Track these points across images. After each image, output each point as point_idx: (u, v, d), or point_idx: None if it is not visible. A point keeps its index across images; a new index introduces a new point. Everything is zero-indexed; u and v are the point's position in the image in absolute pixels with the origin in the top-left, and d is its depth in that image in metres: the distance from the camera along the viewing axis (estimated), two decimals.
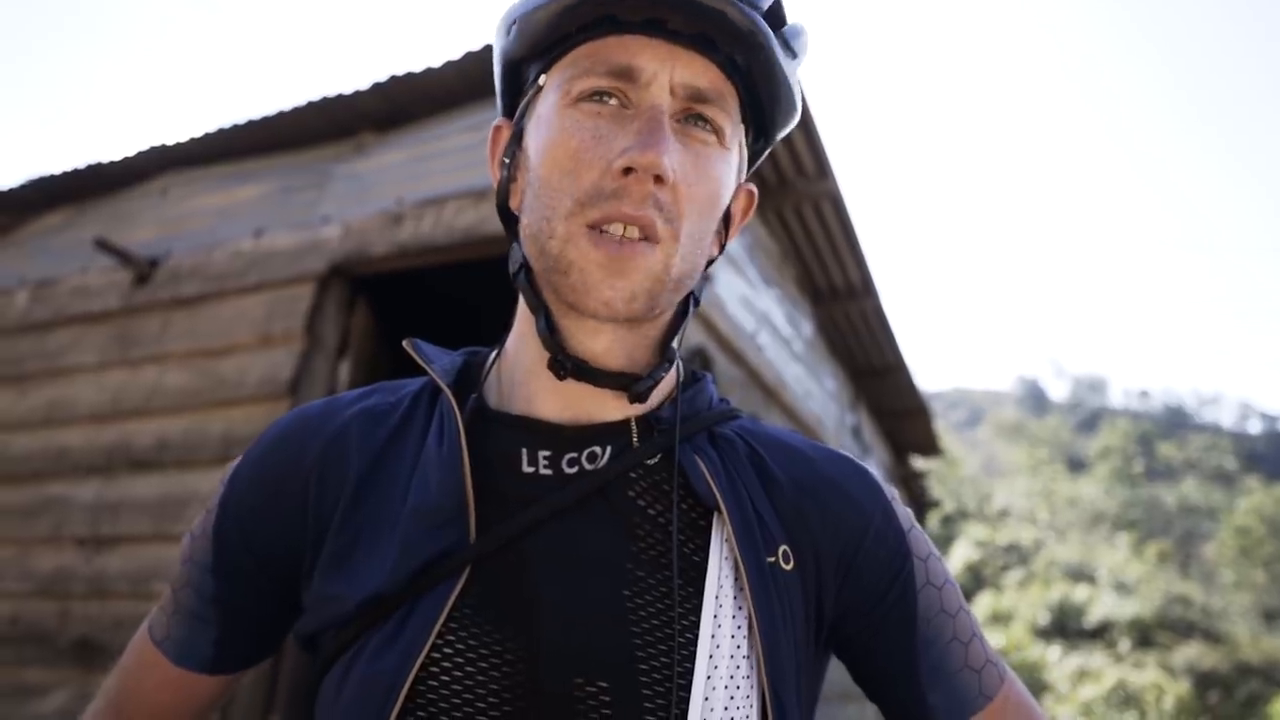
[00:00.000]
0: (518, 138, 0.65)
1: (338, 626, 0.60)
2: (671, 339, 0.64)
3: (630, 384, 0.62)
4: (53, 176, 4.09)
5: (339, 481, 0.64)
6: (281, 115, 3.55)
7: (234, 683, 0.71)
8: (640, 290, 0.58)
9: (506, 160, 0.65)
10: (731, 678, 0.57)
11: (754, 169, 0.71)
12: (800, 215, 4.21)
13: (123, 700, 0.70)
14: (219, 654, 0.67)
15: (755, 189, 0.72)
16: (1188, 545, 32.90)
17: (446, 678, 0.55)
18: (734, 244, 3.77)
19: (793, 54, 0.63)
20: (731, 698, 0.56)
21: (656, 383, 0.63)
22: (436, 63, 3.19)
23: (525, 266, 0.63)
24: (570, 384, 0.63)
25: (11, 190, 4.18)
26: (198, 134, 3.75)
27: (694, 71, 0.59)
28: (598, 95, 0.59)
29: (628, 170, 0.56)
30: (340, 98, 3.41)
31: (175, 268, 3.75)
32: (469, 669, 0.56)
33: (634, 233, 0.57)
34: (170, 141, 3.82)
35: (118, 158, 3.96)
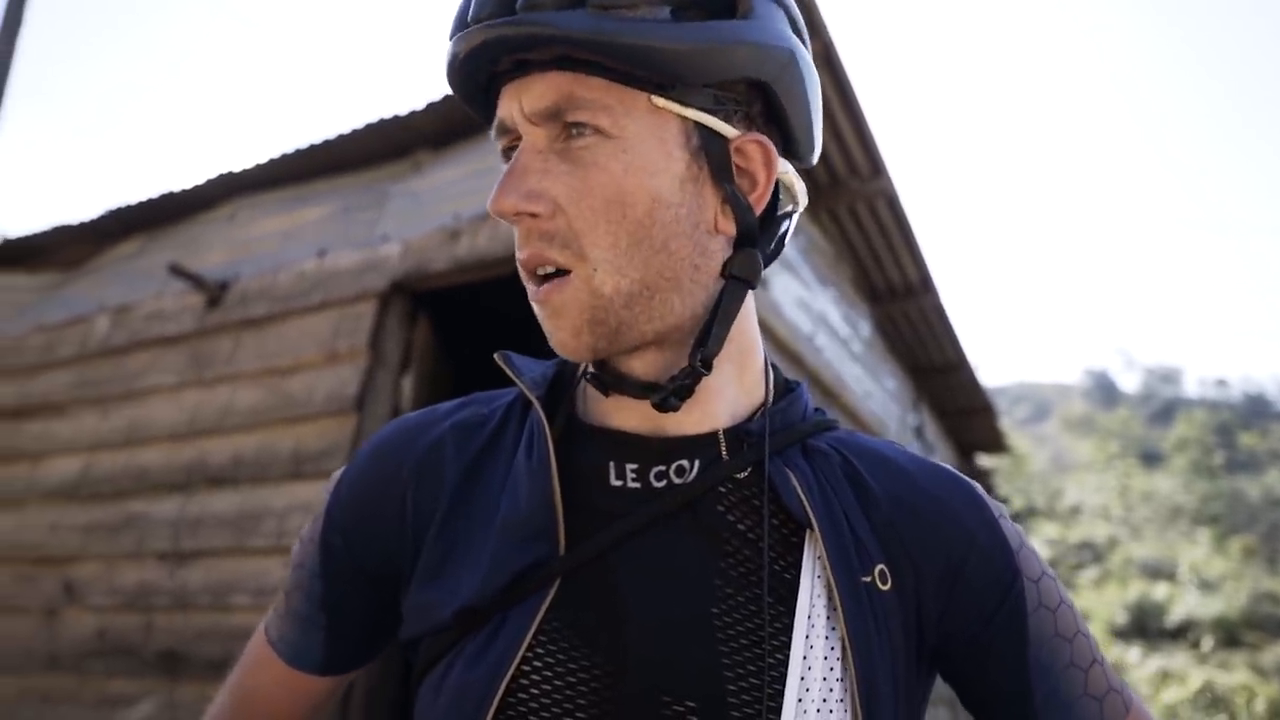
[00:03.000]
0: None
1: (433, 634, 0.61)
2: (703, 343, 0.59)
3: (650, 393, 0.60)
4: (128, 206, 4.26)
5: (434, 492, 0.66)
6: (340, 138, 3.64)
7: (344, 682, 0.74)
8: (581, 324, 0.57)
9: None
10: (825, 701, 0.55)
11: (786, 115, 0.62)
12: (855, 214, 4.15)
13: (243, 696, 0.73)
14: (328, 655, 0.70)
15: (763, 138, 0.61)
16: (1275, 539, 31.42)
17: (536, 690, 0.56)
18: (788, 247, 3.74)
19: (622, 8, 0.56)
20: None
21: (684, 389, 0.59)
22: None
23: None
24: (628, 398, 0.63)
25: (90, 221, 4.37)
26: (262, 160, 3.87)
27: (536, 94, 0.57)
28: (505, 153, 0.61)
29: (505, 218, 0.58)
30: (396, 119, 3.49)
31: (244, 290, 3.87)
32: (557, 682, 0.56)
33: (545, 271, 0.58)
34: (237, 168, 3.95)
35: (188, 186, 4.10)
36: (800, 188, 0.65)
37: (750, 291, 0.64)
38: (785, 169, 0.64)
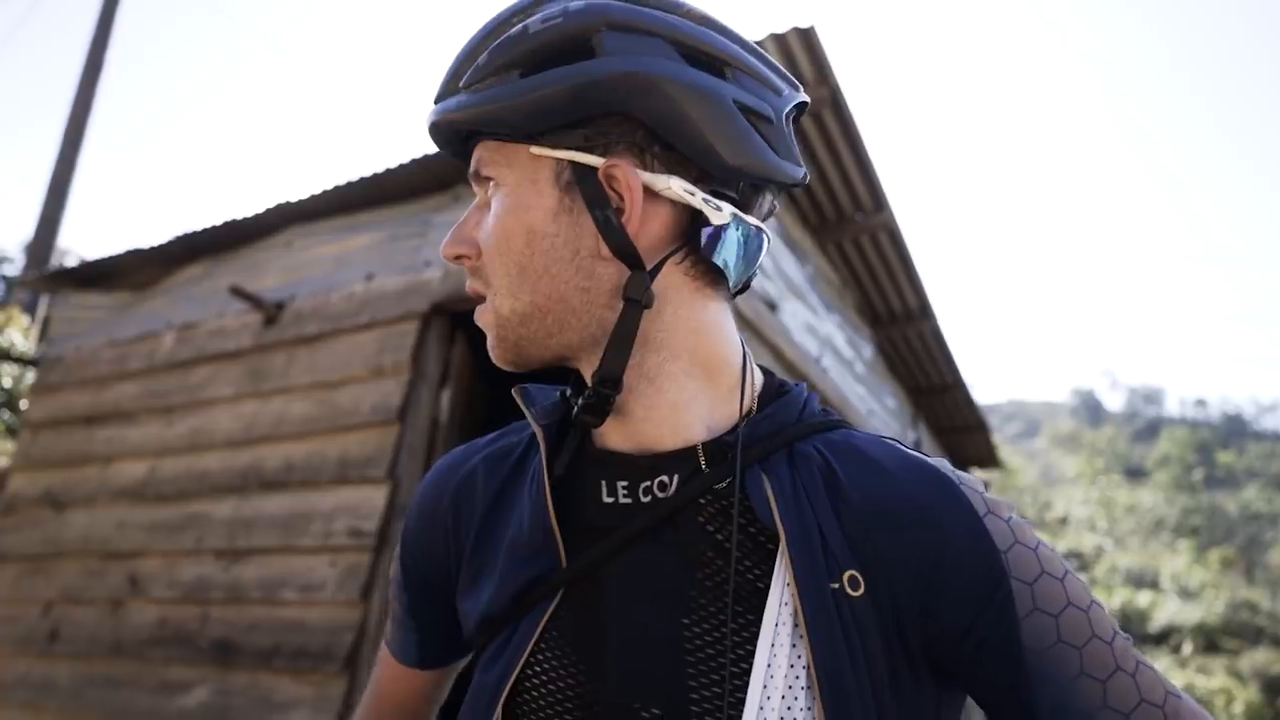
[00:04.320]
0: None
1: (472, 640, 0.66)
2: (600, 367, 0.59)
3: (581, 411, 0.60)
4: (194, 233, 4.32)
5: (470, 516, 0.69)
6: (388, 172, 3.68)
7: (449, 674, 0.78)
8: (494, 339, 0.63)
9: None
10: (789, 709, 0.52)
11: (676, 135, 0.58)
12: (859, 246, 4.14)
13: (379, 694, 0.79)
14: (422, 654, 0.75)
15: (620, 161, 0.58)
16: (1252, 551, 30.79)
17: (535, 693, 0.59)
18: (797, 274, 3.74)
19: (478, 83, 0.59)
20: None
21: (587, 407, 0.59)
22: None
23: None
24: (621, 418, 0.61)
25: (160, 246, 4.43)
26: (316, 191, 3.91)
27: (472, 159, 0.64)
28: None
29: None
30: (439, 155, 3.52)
31: (298, 310, 3.91)
32: (551, 686, 0.58)
33: (477, 299, 0.64)
34: (293, 199, 4.00)
35: (249, 214, 4.16)
36: (708, 202, 0.59)
37: (723, 306, 0.63)
38: (680, 186, 0.58)
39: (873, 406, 4.82)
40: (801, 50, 3.12)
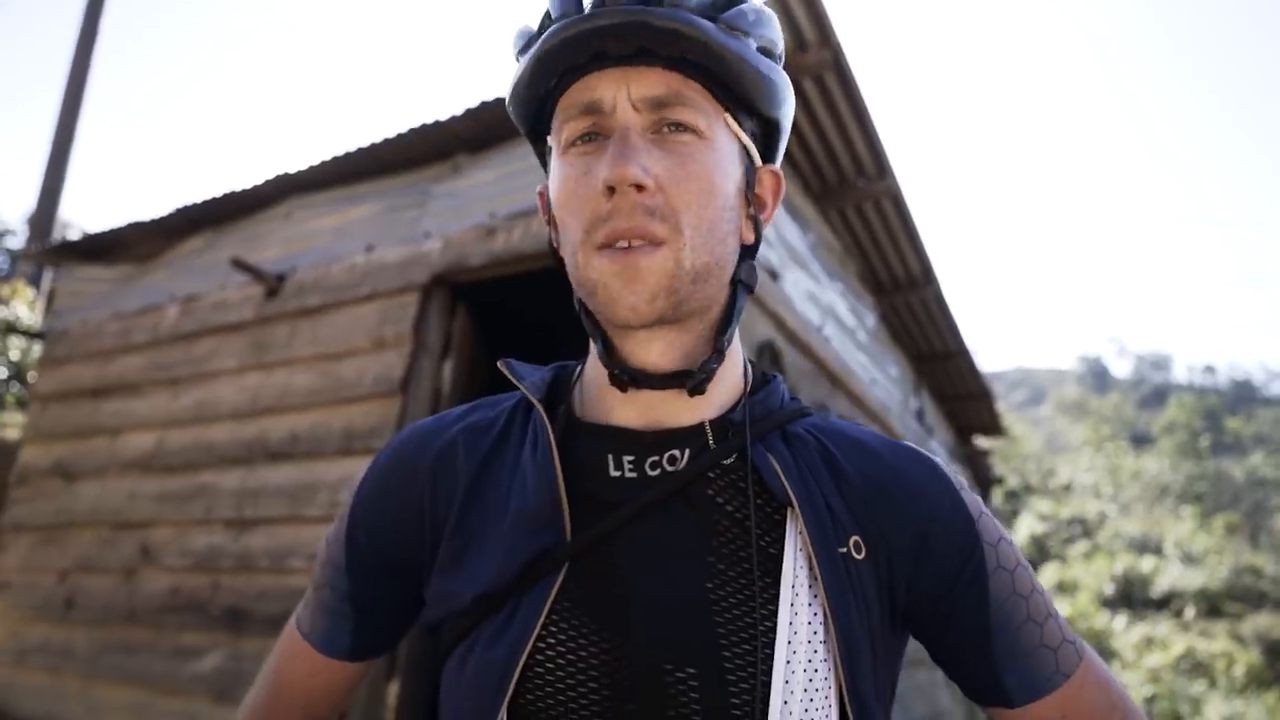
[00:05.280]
0: (550, 198, 0.68)
1: (455, 618, 0.63)
2: (723, 332, 0.63)
3: (683, 381, 0.62)
4: (194, 205, 4.31)
5: (450, 490, 0.67)
6: (386, 142, 3.66)
7: (370, 667, 0.76)
8: (658, 290, 0.58)
9: (547, 217, 0.69)
10: (809, 662, 0.57)
11: (778, 151, 0.69)
12: (861, 213, 4.12)
13: (280, 686, 0.75)
14: (356, 643, 0.72)
15: (779, 171, 0.69)
16: (1257, 517, 30.87)
17: (551, 665, 0.58)
18: (798, 242, 3.73)
19: (741, 33, 0.61)
20: (810, 680, 0.57)
21: (710, 374, 0.62)
22: None
23: (579, 298, 0.66)
24: (639, 394, 0.64)
25: (161, 218, 4.43)
26: (315, 162, 3.90)
27: (648, 84, 0.59)
28: (582, 137, 0.61)
29: (611, 190, 0.58)
30: (437, 123, 3.50)
31: (300, 282, 3.92)
32: (570, 657, 0.58)
33: (636, 242, 0.58)
34: (292, 169, 3.99)
35: (248, 185, 4.15)
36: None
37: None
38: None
39: (875, 375, 4.82)
40: (803, 10, 3.08)
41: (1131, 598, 19.90)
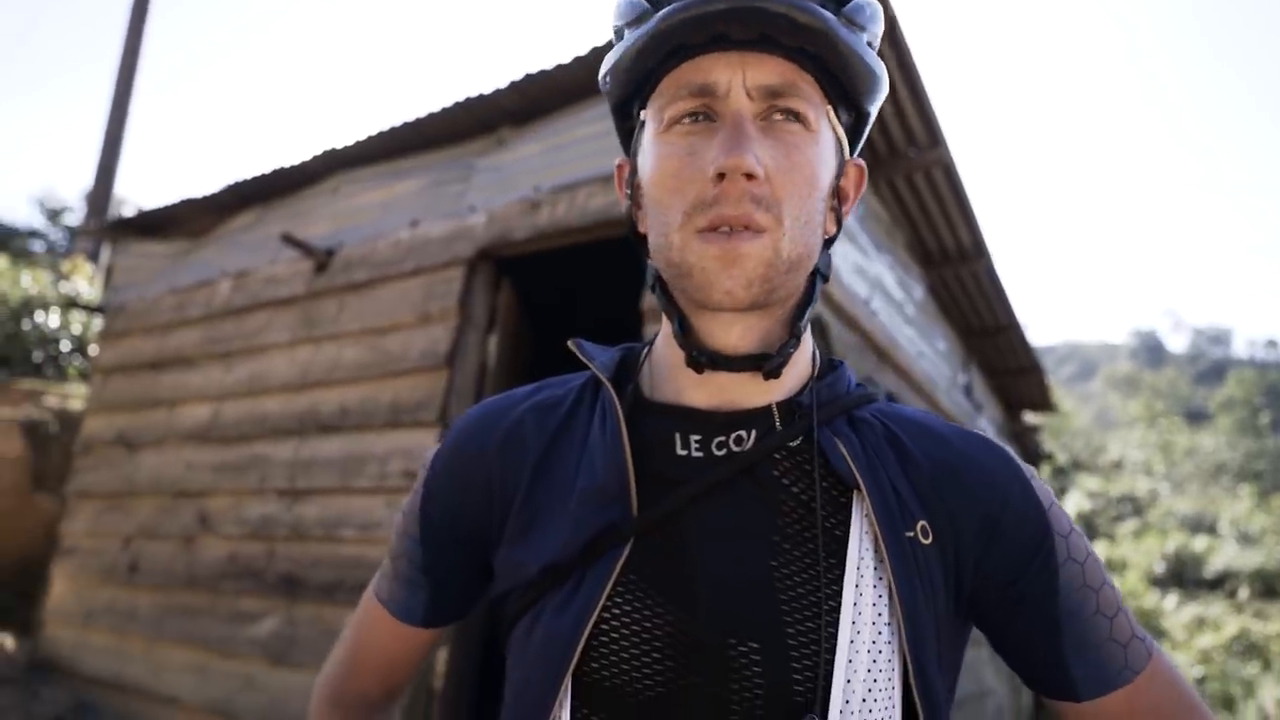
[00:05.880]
0: (633, 171, 0.67)
1: (522, 589, 0.65)
2: (800, 318, 0.64)
3: (762, 363, 0.62)
4: (244, 181, 4.38)
5: (518, 466, 0.68)
6: (431, 116, 3.66)
7: (443, 633, 0.79)
8: (755, 276, 0.58)
9: (629, 192, 0.68)
10: (874, 643, 0.58)
11: (860, 143, 0.69)
12: (911, 183, 4.01)
13: (357, 650, 0.78)
14: (429, 611, 0.74)
15: (864, 164, 0.71)
16: None
17: (616, 635, 0.59)
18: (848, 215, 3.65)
19: (859, 28, 0.62)
20: (874, 661, 0.57)
21: (787, 358, 0.63)
22: (566, 58, 3.20)
23: (659, 278, 0.66)
24: (712, 375, 0.64)
25: (212, 195, 4.52)
26: (361, 137, 3.92)
27: (765, 71, 0.59)
28: (688, 117, 0.61)
29: (721, 176, 0.58)
30: (481, 97, 3.49)
31: (347, 257, 3.97)
32: (634, 628, 0.59)
33: (738, 228, 0.58)
34: (338, 145, 4.02)
35: (296, 162, 4.20)
36: None
37: None
38: None
39: (923, 349, 4.73)
40: None
41: (1183, 577, 19.44)
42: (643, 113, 0.64)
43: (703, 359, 0.63)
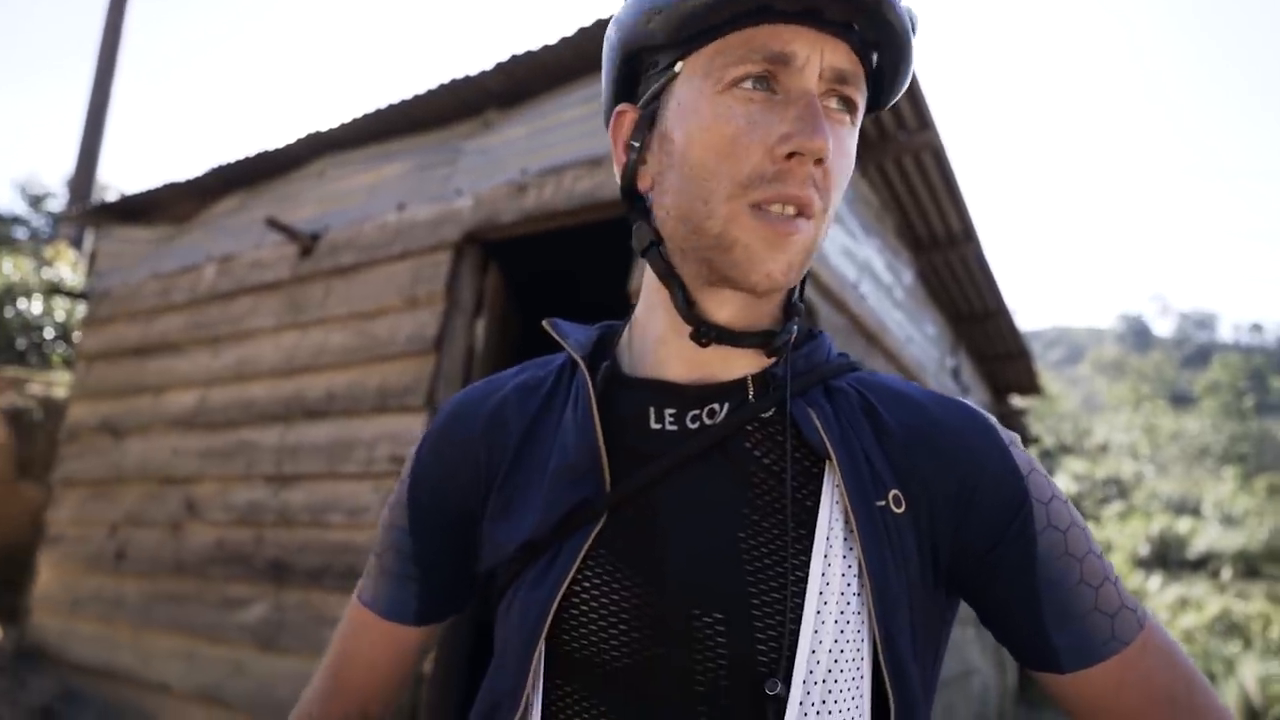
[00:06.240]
0: (648, 122, 0.63)
1: (504, 565, 0.65)
2: (793, 297, 0.65)
3: (768, 340, 0.63)
4: (228, 165, 4.33)
5: (502, 446, 0.68)
6: (416, 99, 3.62)
7: (434, 634, 0.75)
8: (795, 262, 0.59)
9: (636, 144, 0.64)
10: (842, 613, 0.57)
11: None
12: (901, 167, 4.00)
13: (341, 666, 0.74)
14: (422, 606, 0.72)
15: None
16: None
17: (585, 606, 0.60)
18: None
19: (913, 33, 0.62)
20: (842, 632, 0.57)
21: (791, 336, 0.63)
22: (553, 39, 3.17)
23: (658, 244, 0.64)
24: (694, 349, 0.64)
25: (196, 178, 4.46)
26: (346, 120, 3.88)
27: (839, 55, 0.58)
28: (750, 81, 0.58)
29: (791, 154, 0.56)
30: (467, 79, 3.45)
31: (333, 241, 3.93)
32: (603, 600, 0.60)
33: (791, 210, 0.57)
34: (323, 128, 3.97)
35: (281, 145, 4.15)
36: None
37: None
38: None
39: (911, 333, 4.74)
40: None
41: (1167, 558, 19.68)
42: (680, 64, 0.60)
43: (712, 333, 0.62)
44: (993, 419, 0.66)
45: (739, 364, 0.64)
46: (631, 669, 0.58)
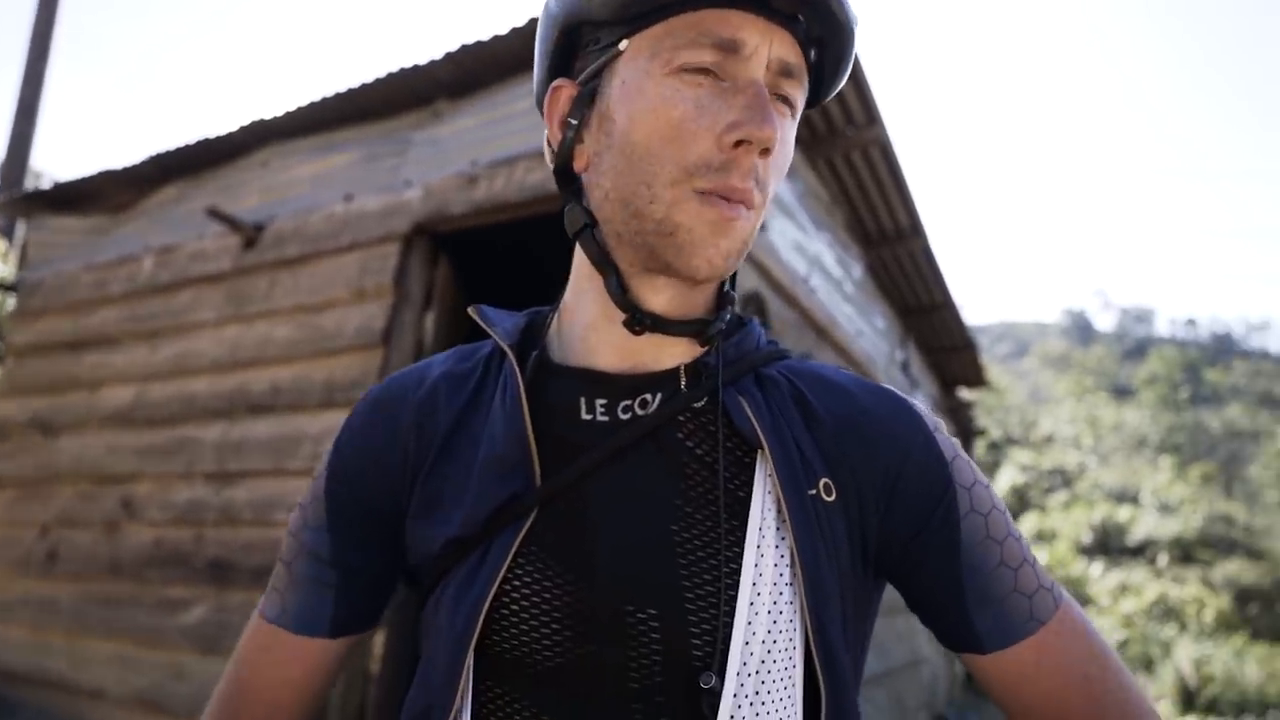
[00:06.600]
0: (587, 100, 0.61)
1: (429, 563, 0.63)
2: (724, 287, 0.65)
3: (702, 329, 0.62)
4: (167, 152, 4.19)
5: (430, 437, 0.65)
6: (364, 87, 3.55)
7: (352, 646, 0.70)
8: (734, 250, 0.58)
9: (573, 121, 0.61)
10: (775, 604, 0.56)
11: None
12: (850, 162, 4.05)
13: (240, 692, 0.68)
14: (340, 614, 0.67)
15: None
16: (1232, 467, 31.54)
17: (516, 606, 0.58)
18: (786, 191, 3.67)
19: (856, 31, 0.62)
20: (775, 622, 0.56)
21: (724, 323, 0.62)
22: (503, 30, 3.13)
23: (590, 226, 0.62)
24: (630, 336, 0.62)
25: (133, 166, 4.31)
26: (291, 109, 3.78)
27: (785, 47, 0.58)
28: (699, 68, 0.56)
29: (738, 144, 0.55)
30: (417, 68, 3.39)
31: (278, 232, 3.84)
32: (534, 598, 0.58)
33: (735, 199, 0.57)
34: (268, 116, 3.87)
35: (223, 133, 4.03)
36: None
37: None
38: None
39: (861, 327, 4.81)
40: None
41: (1108, 546, 20.37)
42: (625, 42, 0.58)
43: (646, 320, 0.60)
44: (918, 405, 0.67)
45: (670, 353, 0.63)
46: (564, 668, 0.57)
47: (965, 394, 8.00)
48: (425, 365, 0.71)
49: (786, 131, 0.60)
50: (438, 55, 3.32)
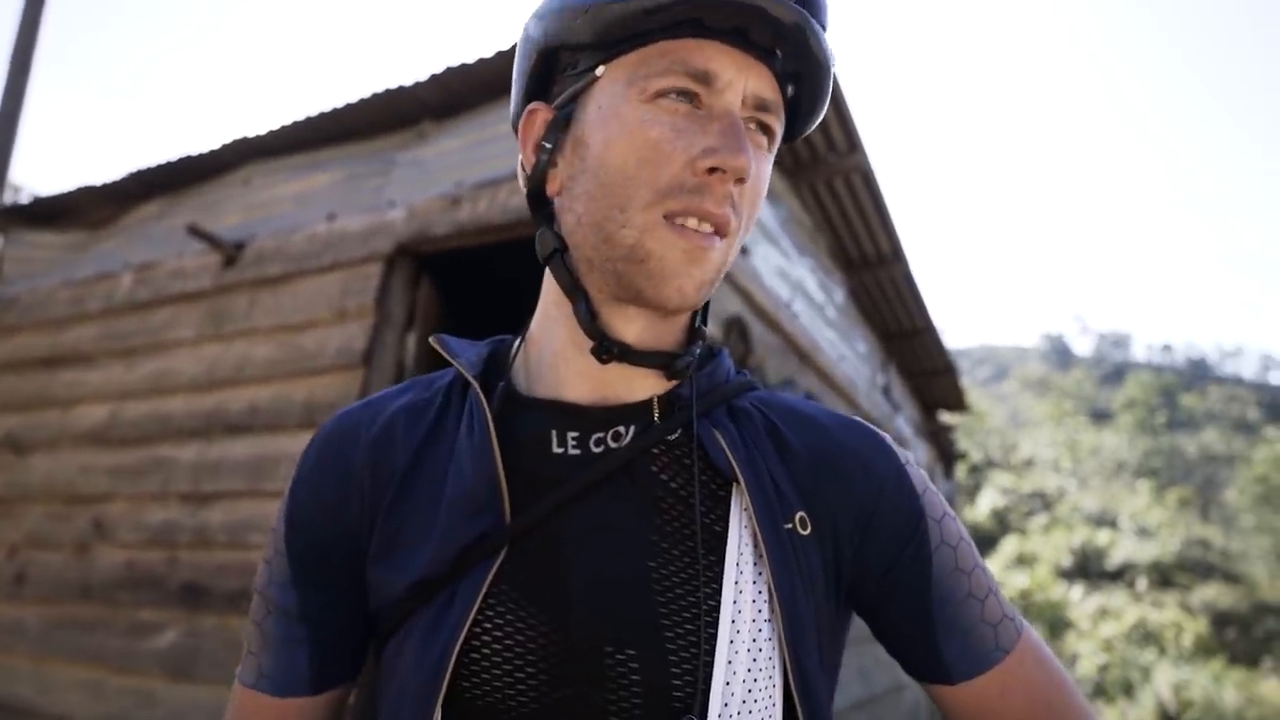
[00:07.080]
0: (562, 124, 0.60)
1: (391, 607, 0.60)
2: (697, 319, 0.64)
3: (671, 362, 0.60)
4: (148, 169, 4.16)
5: (388, 474, 0.63)
6: (349, 107, 3.55)
7: (339, 701, 0.66)
8: (707, 280, 0.57)
9: (548, 145, 0.60)
10: (754, 641, 0.56)
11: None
12: (832, 189, 4.10)
13: None
14: (317, 670, 0.63)
15: None
16: (1208, 491, 31.90)
17: (488, 650, 0.55)
18: (769, 217, 3.70)
19: (832, 69, 0.62)
20: (755, 660, 0.56)
21: (694, 357, 0.61)
22: (488, 53, 3.15)
23: (560, 251, 0.61)
24: (596, 369, 0.61)
25: (113, 182, 4.28)
26: (275, 127, 3.77)
27: (762, 82, 0.58)
28: (675, 94, 0.56)
29: (713, 170, 0.55)
30: (402, 89, 3.40)
31: (259, 250, 3.81)
32: (508, 641, 0.56)
33: (707, 227, 0.56)
34: (251, 134, 3.86)
35: (205, 150, 4.01)
36: None
37: None
38: None
39: (844, 351, 4.84)
40: None
41: (1088, 569, 20.49)
42: (602, 67, 0.58)
43: (615, 349, 0.59)
44: (888, 438, 0.67)
45: (642, 385, 0.62)
46: (540, 713, 0.54)
47: (946, 417, 8.05)
48: (380, 398, 0.68)
49: (761, 165, 0.59)
50: (423, 77, 3.33)
